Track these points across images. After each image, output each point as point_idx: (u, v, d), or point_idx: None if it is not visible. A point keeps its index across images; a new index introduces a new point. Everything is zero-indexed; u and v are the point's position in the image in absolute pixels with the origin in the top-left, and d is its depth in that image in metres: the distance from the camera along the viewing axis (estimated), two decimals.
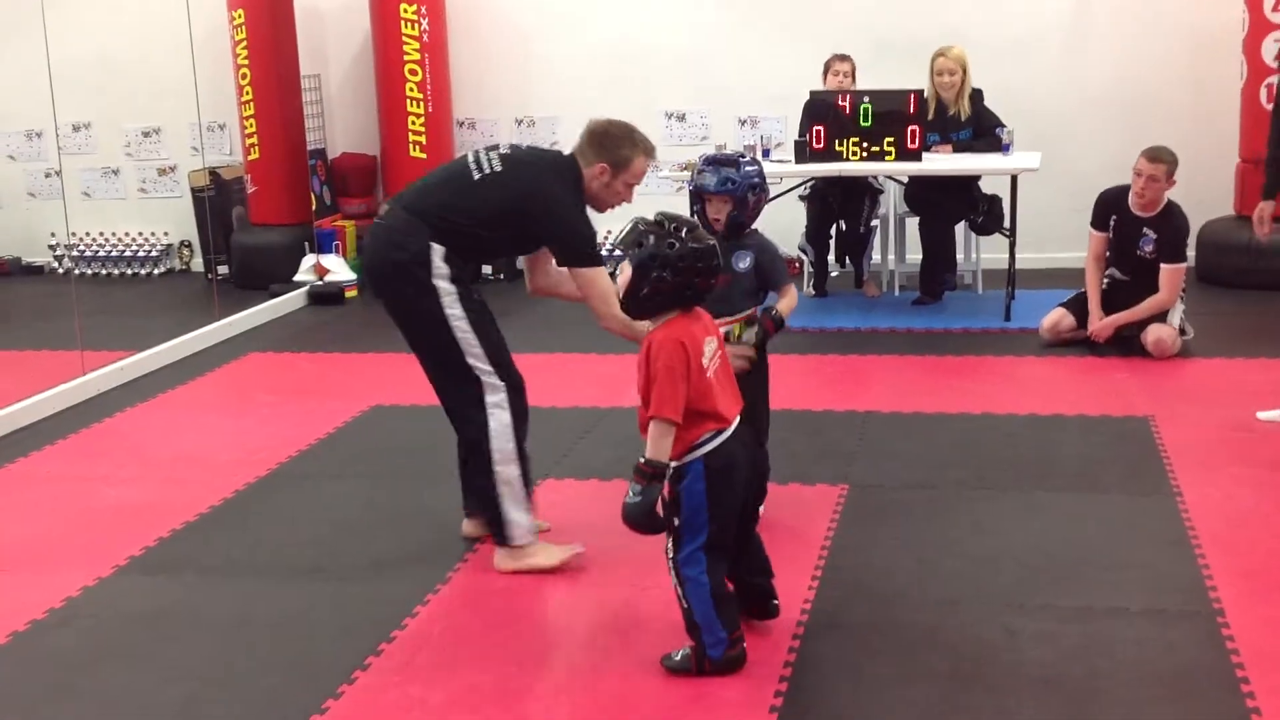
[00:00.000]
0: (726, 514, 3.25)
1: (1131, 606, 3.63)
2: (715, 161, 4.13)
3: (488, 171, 3.94)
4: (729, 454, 3.22)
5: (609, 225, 8.66)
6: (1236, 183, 7.75)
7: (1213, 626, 3.48)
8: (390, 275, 3.95)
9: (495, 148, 4.07)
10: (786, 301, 4.13)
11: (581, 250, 3.94)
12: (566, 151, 4.07)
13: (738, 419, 3.30)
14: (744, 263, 4.11)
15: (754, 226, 4.20)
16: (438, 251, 3.88)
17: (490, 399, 3.94)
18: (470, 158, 4.02)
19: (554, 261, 4.12)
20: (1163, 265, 6.18)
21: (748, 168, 4.12)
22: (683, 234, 3.19)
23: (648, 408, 3.19)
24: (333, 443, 5.36)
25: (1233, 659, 3.30)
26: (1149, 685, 3.21)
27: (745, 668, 3.29)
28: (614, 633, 3.59)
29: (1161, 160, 6.12)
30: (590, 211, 4.01)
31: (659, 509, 3.16)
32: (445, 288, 3.89)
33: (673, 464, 3.19)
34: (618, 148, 3.96)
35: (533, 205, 3.91)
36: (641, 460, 3.15)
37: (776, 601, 3.52)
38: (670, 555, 3.24)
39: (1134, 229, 6.24)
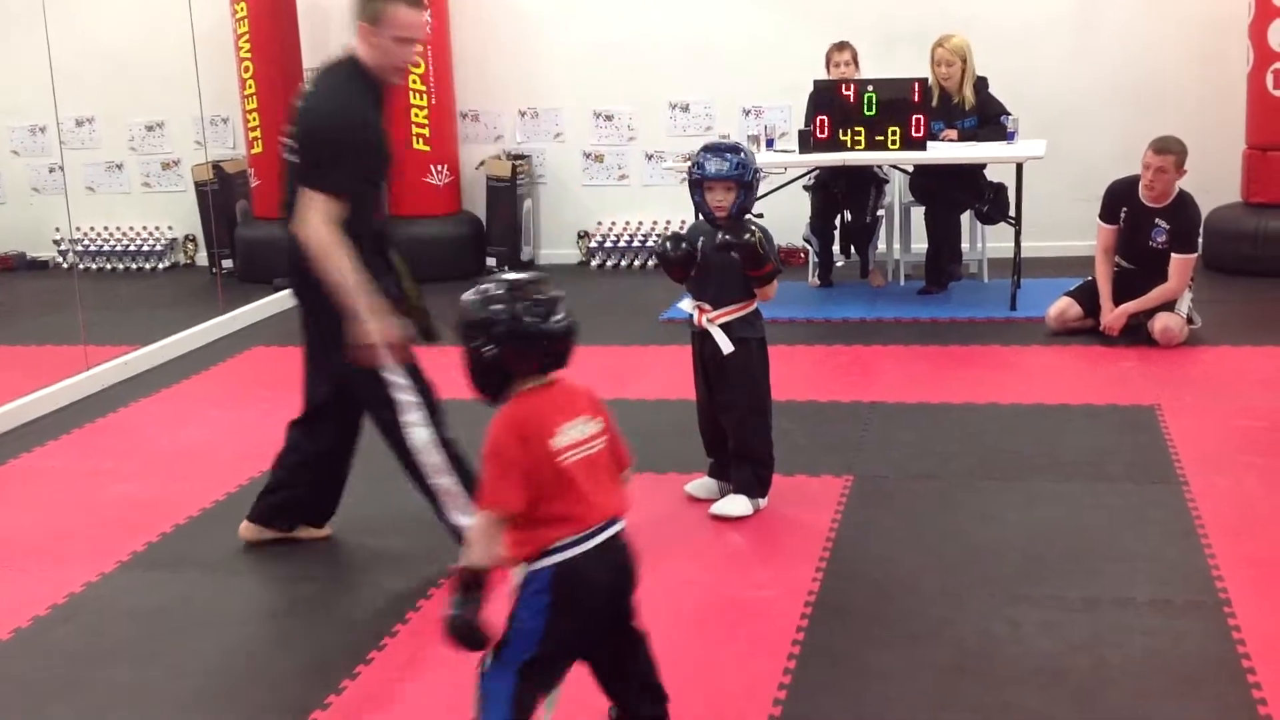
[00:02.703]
0: (564, 641, 2.67)
1: (1138, 597, 3.61)
2: (716, 148, 4.13)
3: (287, 142, 3.71)
4: (583, 572, 2.62)
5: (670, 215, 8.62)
6: (1243, 170, 7.72)
7: (1220, 617, 3.46)
8: (299, 288, 3.76)
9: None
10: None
11: (317, 159, 3.57)
12: None
13: (613, 524, 2.68)
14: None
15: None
16: None
17: (405, 419, 3.75)
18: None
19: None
20: (1174, 255, 6.14)
21: (745, 154, 4.14)
22: (518, 292, 2.64)
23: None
24: None
25: (1239, 650, 3.28)
26: (1155, 677, 3.19)
27: (749, 659, 3.27)
28: None
29: (1170, 151, 6.08)
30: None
31: (480, 624, 2.59)
32: None
33: (519, 568, 2.65)
34: (370, 1, 3.63)
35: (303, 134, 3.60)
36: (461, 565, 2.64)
37: None
38: (482, 663, 2.68)
39: (1146, 220, 6.20)
